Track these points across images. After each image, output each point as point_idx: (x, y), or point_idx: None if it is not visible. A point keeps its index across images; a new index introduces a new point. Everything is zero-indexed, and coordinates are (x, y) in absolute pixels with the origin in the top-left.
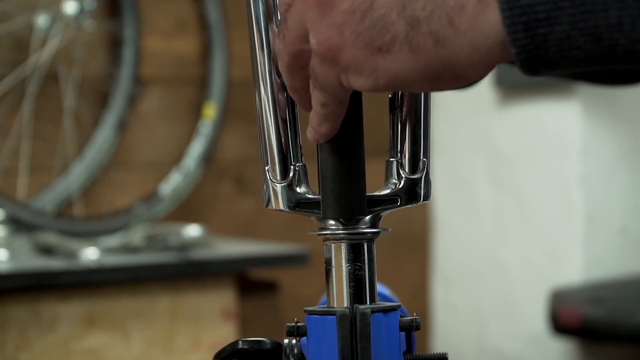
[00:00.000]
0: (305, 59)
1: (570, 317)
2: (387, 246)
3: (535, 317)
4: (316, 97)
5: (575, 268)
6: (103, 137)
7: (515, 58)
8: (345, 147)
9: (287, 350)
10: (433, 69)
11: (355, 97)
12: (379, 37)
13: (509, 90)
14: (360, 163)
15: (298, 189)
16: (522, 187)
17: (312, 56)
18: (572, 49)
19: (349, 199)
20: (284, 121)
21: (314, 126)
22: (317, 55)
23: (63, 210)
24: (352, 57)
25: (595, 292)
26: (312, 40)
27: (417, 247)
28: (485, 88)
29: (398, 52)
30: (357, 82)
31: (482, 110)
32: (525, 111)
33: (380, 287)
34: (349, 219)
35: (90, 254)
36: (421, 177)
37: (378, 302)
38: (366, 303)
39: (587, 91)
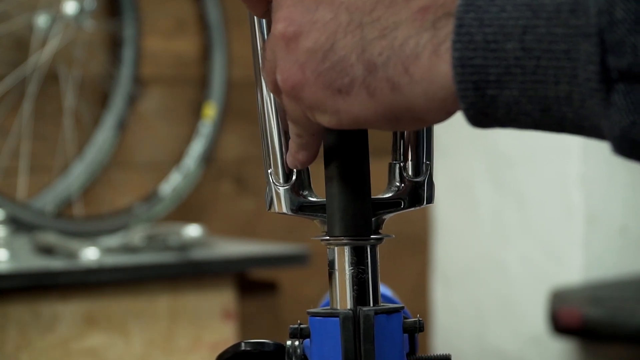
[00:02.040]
0: None
1: (570, 317)
2: (387, 246)
3: (535, 317)
4: (291, 128)
5: (575, 268)
6: (103, 137)
7: (464, 113)
8: (352, 166)
9: (290, 352)
10: (391, 112)
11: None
12: (338, 79)
13: None
14: (366, 182)
15: (301, 192)
16: (522, 187)
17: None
18: (520, 114)
19: (354, 218)
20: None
21: (292, 153)
22: (283, 91)
23: (63, 210)
24: (313, 97)
25: (595, 292)
26: (277, 77)
27: (417, 247)
28: None
29: (357, 95)
30: (321, 119)
31: None
32: None
33: (382, 289)
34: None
35: (90, 254)
36: (424, 180)
37: (381, 304)
38: (369, 305)
39: None
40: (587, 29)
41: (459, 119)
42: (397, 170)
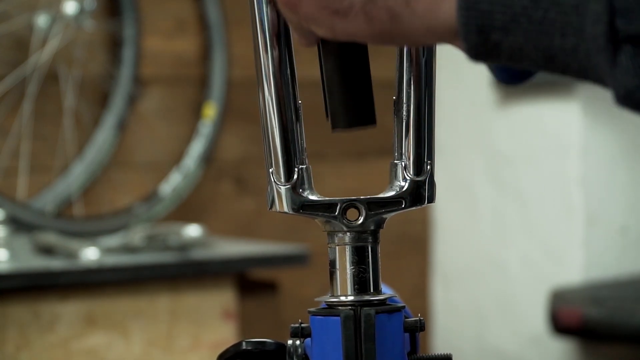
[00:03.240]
0: None
1: (570, 317)
2: (387, 246)
3: (535, 317)
4: (291, 30)
5: (575, 268)
6: (103, 137)
7: (466, 53)
8: (351, 57)
9: (291, 351)
10: (388, 36)
11: None
12: (337, 1)
13: (509, 91)
14: (366, 71)
15: (302, 192)
16: (522, 187)
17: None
18: (524, 58)
19: (358, 108)
20: (288, 123)
21: (295, 37)
22: (280, 2)
23: (63, 210)
24: (310, 12)
25: (595, 292)
26: None
27: (417, 247)
28: (485, 88)
29: (354, 19)
30: (317, 31)
31: (481, 110)
32: (525, 111)
33: (384, 288)
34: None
35: (90, 254)
36: (425, 179)
37: None
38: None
39: (587, 91)
40: None
41: (459, 117)
42: (399, 170)
